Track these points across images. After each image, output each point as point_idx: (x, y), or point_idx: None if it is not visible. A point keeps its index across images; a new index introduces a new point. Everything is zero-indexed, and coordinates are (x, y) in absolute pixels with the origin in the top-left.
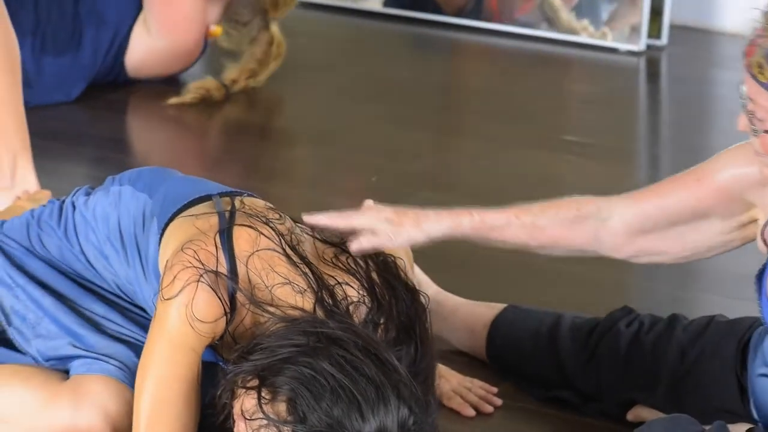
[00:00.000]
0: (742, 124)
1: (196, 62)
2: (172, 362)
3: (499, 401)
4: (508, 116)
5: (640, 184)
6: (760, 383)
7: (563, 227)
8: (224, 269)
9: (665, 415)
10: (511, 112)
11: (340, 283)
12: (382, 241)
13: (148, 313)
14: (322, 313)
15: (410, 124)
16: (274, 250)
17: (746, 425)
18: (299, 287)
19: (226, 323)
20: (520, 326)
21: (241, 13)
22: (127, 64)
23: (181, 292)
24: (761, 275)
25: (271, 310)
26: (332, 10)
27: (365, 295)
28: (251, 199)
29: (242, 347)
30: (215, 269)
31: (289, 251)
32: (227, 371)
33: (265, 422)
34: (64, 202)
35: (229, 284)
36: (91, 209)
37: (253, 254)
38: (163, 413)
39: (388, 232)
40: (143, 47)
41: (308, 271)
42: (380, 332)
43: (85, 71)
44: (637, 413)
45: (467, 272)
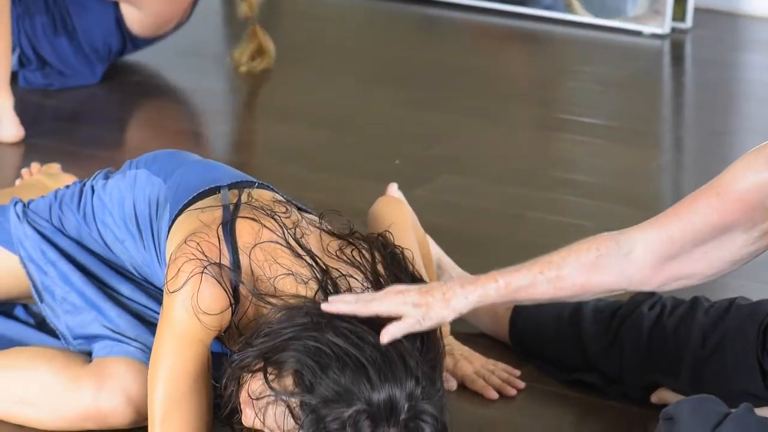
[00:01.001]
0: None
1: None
2: (180, 355)
3: (522, 384)
4: (530, 99)
5: (664, 167)
6: None
7: (587, 272)
8: (227, 261)
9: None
10: (533, 94)
11: (343, 275)
12: (410, 325)
13: None
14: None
15: (432, 107)
16: (276, 242)
17: None
18: (302, 278)
19: (231, 314)
20: (542, 309)
21: None
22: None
23: (185, 284)
24: None
25: (273, 301)
26: None
27: (369, 287)
28: (259, 191)
29: (246, 336)
30: (218, 261)
31: (292, 243)
32: (231, 359)
33: (272, 399)
34: (85, 184)
35: (232, 276)
36: (108, 193)
37: (255, 246)
38: (176, 406)
39: (416, 316)
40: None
41: (312, 262)
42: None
43: (101, 51)
44: (660, 395)
45: (488, 254)
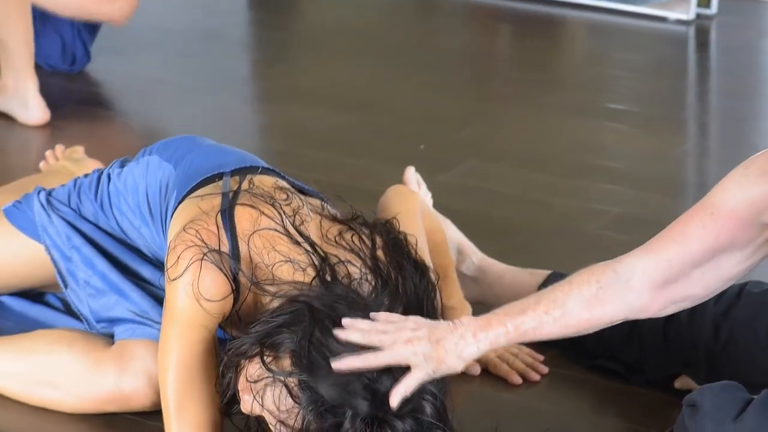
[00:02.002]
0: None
1: None
2: (186, 343)
3: (545, 369)
4: (555, 84)
5: (688, 152)
6: None
7: (590, 306)
8: (226, 248)
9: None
10: (558, 80)
11: (342, 261)
12: (420, 378)
13: None
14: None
15: (457, 92)
16: (275, 229)
17: None
18: (300, 265)
19: (234, 300)
20: None
21: None
22: None
23: (185, 271)
24: None
25: (271, 289)
26: None
27: (367, 272)
28: (261, 176)
29: (244, 325)
30: (218, 248)
31: (291, 230)
32: (228, 347)
33: (270, 380)
34: (102, 173)
35: (231, 264)
36: (123, 180)
37: (254, 233)
38: (188, 393)
39: (427, 369)
40: None
41: (310, 249)
42: (385, 308)
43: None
44: (684, 381)
45: (514, 240)
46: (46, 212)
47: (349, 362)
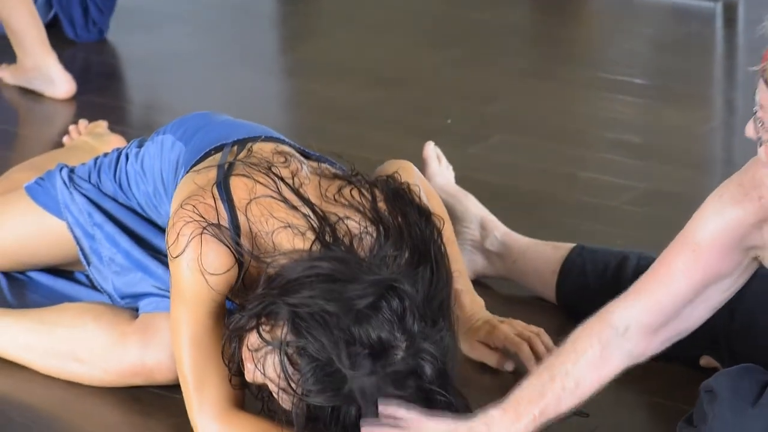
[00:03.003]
0: (749, 130)
1: None
2: (196, 319)
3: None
4: (582, 59)
5: (715, 128)
6: None
7: (598, 368)
8: (225, 220)
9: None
10: (585, 55)
11: (341, 218)
12: None
13: None
14: (319, 249)
15: (484, 66)
16: (271, 196)
17: None
18: (299, 230)
19: (239, 270)
20: (586, 272)
21: None
22: None
23: (187, 247)
24: None
25: (268, 260)
26: None
27: (367, 225)
28: (261, 144)
29: (247, 295)
30: (216, 221)
31: (287, 195)
32: (228, 321)
33: (270, 349)
34: (121, 152)
35: (231, 235)
36: (140, 160)
37: (251, 202)
38: (205, 369)
39: None
40: None
41: (308, 211)
42: (389, 258)
43: None
44: (708, 360)
45: (541, 213)
46: (68, 189)
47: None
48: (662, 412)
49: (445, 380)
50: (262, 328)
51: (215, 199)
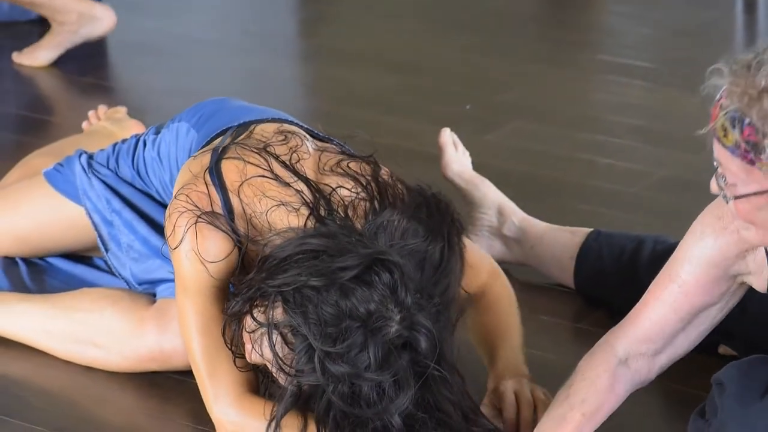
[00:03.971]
0: (713, 186)
1: None
2: (201, 308)
3: None
4: (599, 45)
5: None
6: None
7: (608, 393)
8: (218, 205)
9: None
10: (602, 41)
11: (334, 189)
12: None
13: None
14: (313, 224)
15: (503, 53)
16: (262, 175)
17: None
18: (293, 206)
19: (239, 254)
20: (603, 255)
21: None
22: None
23: (184, 237)
24: None
25: (264, 241)
26: None
27: (359, 191)
28: (264, 125)
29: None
30: (210, 208)
31: (279, 172)
32: (225, 307)
33: (265, 330)
34: (139, 139)
35: (226, 220)
36: (156, 147)
37: (242, 184)
38: (216, 356)
39: None
40: None
41: (302, 187)
42: (396, 232)
43: None
44: (726, 349)
45: (558, 199)
46: (86, 175)
47: None
48: (679, 398)
49: (440, 356)
50: (257, 309)
51: (207, 185)
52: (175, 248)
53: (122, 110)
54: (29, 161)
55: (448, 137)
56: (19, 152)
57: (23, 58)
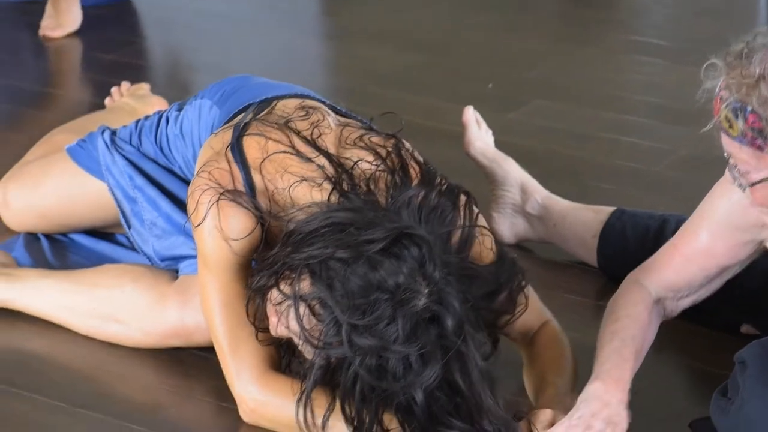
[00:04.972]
0: (729, 178)
1: None
2: (223, 286)
3: None
4: (621, 25)
5: None
6: None
7: (650, 328)
8: (240, 181)
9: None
10: (625, 20)
11: (355, 162)
12: None
13: None
14: (337, 199)
15: (526, 32)
16: (284, 151)
17: None
18: (316, 182)
19: (262, 231)
20: (627, 234)
21: None
22: None
23: (207, 215)
24: None
25: (286, 217)
26: None
27: (380, 164)
28: (286, 101)
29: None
30: (232, 185)
31: (301, 148)
32: (249, 282)
33: (290, 302)
34: (162, 115)
35: (248, 197)
36: (179, 124)
37: (264, 160)
38: (238, 333)
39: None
40: None
41: (324, 161)
42: (425, 209)
43: None
44: (749, 328)
45: (583, 179)
46: (109, 152)
47: None
48: (701, 376)
49: (466, 334)
50: (283, 282)
51: (229, 162)
52: (197, 226)
53: (145, 87)
54: (51, 138)
55: (471, 115)
56: (36, 127)
57: (49, 31)
